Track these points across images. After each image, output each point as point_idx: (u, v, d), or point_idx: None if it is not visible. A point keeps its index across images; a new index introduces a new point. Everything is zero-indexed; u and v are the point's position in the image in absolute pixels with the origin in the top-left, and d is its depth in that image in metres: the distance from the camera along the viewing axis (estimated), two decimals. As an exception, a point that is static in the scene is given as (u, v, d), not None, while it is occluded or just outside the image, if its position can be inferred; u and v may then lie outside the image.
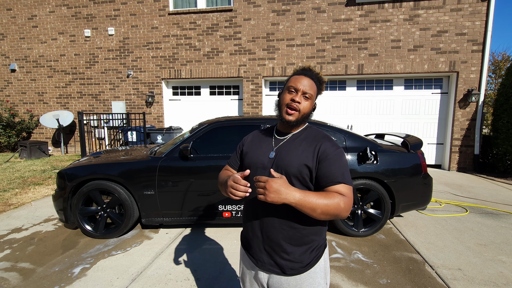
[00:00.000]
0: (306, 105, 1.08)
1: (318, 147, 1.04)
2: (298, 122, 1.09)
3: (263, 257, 1.07)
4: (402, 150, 3.20)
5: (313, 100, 1.10)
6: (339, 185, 0.98)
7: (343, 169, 1.01)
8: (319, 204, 0.91)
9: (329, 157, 1.01)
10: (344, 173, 1.00)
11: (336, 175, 0.99)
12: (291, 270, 1.03)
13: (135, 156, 3.29)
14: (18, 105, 8.79)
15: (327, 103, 7.49)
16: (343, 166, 1.01)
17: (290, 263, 1.03)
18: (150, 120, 8.09)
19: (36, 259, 2.63)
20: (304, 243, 1.04)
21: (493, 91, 14.67)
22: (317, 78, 1.12)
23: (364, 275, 2.37)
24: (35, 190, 4.73)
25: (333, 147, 1.03)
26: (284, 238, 1.03)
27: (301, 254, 1.03)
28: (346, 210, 0.95)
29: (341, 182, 0.98)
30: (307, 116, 1.10)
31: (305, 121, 1.11)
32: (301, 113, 1.08)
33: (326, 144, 1.04)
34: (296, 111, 1.07)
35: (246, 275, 1.17)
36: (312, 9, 7.06)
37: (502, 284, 2.23)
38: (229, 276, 2.34)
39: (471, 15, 6.40)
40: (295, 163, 1.02)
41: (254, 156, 1.14)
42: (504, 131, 6.08)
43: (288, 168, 1.03)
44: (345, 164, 1.03)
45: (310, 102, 1.09)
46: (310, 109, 1.10)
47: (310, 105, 1.09)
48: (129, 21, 7.91)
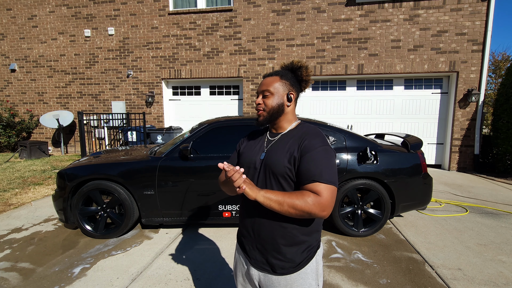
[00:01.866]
0: (269, 102, 1.09)
1: (301, 143, 1.01)
2: (271, 118, 1.11)
3: (255, 255, 1.08)
4: (402, 150, 3.20)
5: (277, 93, 1.09)
6: (314, 184, 0.92)
7: (323, 167, 0.94)
8: (285, 206, 0.92)
9: (310, 153, 0.97)
10: (323, 171, 0.93)
11: (313, 173, 0.94)
12: (281, 270, 1.03)
13: (135, 156, 3.29)
14: (18, 105, 8.78)
15: (327, 103, 7.49)
16: (324, 164, 0.95)
17: (281, 262, 1.03)
18: (150, 120, 8.09)
19: (36, 259, 2.63)
20: (295, 243, 1.03)
21: (493, 91, 14.67)
22: (289, 69, 1.16)
23: (364, 275, 2.37)
24: (35, 190, 4.73)
25: (316, 144, 0.98)
26: (275, 237, 1.03)
27: (292, 254, 1.03)
28: (319, 209, 0.90)
29: (317, 180, 0.92)
30: (277, 110, 1.10)
31: (276, 115, 1.11)
32: (267, 110, 1.10)
33: (310, 139, 1.00)
34: (262, 110, 1.11)
35: (239, 271, 1.19)
36: (312, 9, 7.06)
37: (502, 284, 2.23)
38: (229, 276, 2.34)
39: (471, 15, 6.40)
40: (280, 162, 1.02)
41: (247, 157, 1.16)
42: (504, 131, 6.08)
43: (273, 168, 1.03)
44: (328, 161, 0.96)
45: (273, 97, 1.09)
46: (277, 102, 1.09)
47: (274, 99, 1.09)
48: (129, 21, 7.91)
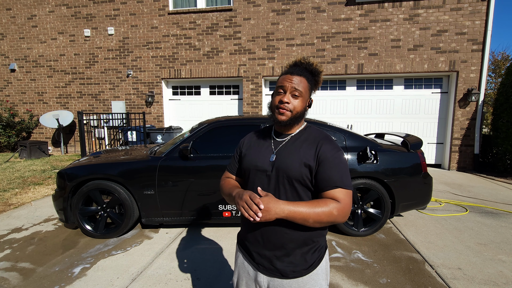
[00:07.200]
0: (297, 104, 1.03)
1: (318, 148, 1.01)
2: (292, 122, 1.06)
3: (264, 261, 1.05)
4: (402, 150, 3.20)
5: (305, 96, 1.05)
6: (337, 190, 0.96)
7: (342, 173, 0.98)
8: (310, 214, 0.90)
9: (329, 160, 0.98)
10: (343, 177, 0.98)
11: (334, 179, 0.97)
12: (293, 273, 1.01)
13: (135, 156, 3.29)
14: (18, 105, 8.78)
15: (327, 103, 7.48)
16: (342, 169, 0.99)
17: (292, 266, 1.01)
18: (150, 120, 8.09)
19: (36, 259, 2.63)
20: (306, 244, 1.02)
21: (493, 91, 14.68)
22: (309, 71, 1.07)
23: (364, 275, 2.37)
24: (35, 190, 4.73)
25: (333, 150, 1.01)
26: (286, 242, 1.01)
27: (304, 257, 1.01)
28: (342, 216, 0.94)
29: (339, 186, 0.96)
30: (301, 114, 1.06)
31: (299, 120, 1.07)
32: (294, 112, 1.04)
33: (326, 145, 1.01)
34: (288, 111, 1.03)
35: (243, 279, 1.13)
36: (312, 9, 7.05)
37: (502, 284, 2.24)
38: (229, 276, 2.34)
39: (471, 15, 6.40)
40: (296, 166, 1.00)
41: (253, 159, 1.10)
42: (504, 130, 6.08)
43: (289, 172, 1.00)
44: (345, 167, 1.00)
45: (301, 100, 1.04)
46: (303, 106, 1.05)
47: (302, 102, 1.04)
48: (128, 20, 7.91)
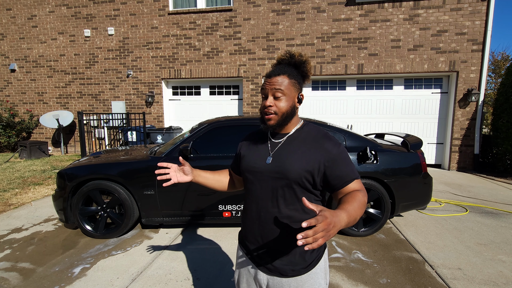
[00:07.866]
0: (281, 104, 1.01)
1: (321, 151, 1.00)
2: (282, 123, 1.04)
3: (263, 260, 1.06)
4: (402, 150, 3.20)
5: (289, 95, 1.02)
6: (354, 182, 0.99)
7: (351, 165, 1.02)
8: (358, 212, 0.90)
9: (336, 159, 0.99)
10: (353, 168, 1.02)
11: (349, 173, 1.00)
12: (292, 272, 1.01)
13: (135, 156, 3.29)
14: (18, 105, 8.78)
15: (327, 103, 7.48)
16: (349, 162, 1.02)
17: (291, 265, 1.01)
18: (150, 120, 8.09)
19: (36, 259, 2.63)
20: None
21: (493, 91, 14.68)
22: (292, 65, 1.05)
23: (364, 275, 2.37)
24: (35, 190, 4.73)
25: (335, 147, 1.01)
26: (286, 242, 1.01)
27: (302, 255, 1.02)
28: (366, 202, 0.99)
29: (354, 178, 1.00)
30: (289, 114, 1.04)
31: (288, 119, 1.05)
32: (280, 114, 1.02)
33: (328, 145, 1.01)
34: (273, 114, 1.02)
35: (243, 277, 1.14)
36: (312, 9, 7.05)
37: (502, 284, 2.24)
38: (229, 276, 2.34)
39: (471, 15, 6.40)
40: (296, 168, 0.98)
41: (250, 161, 1.10)
42: (504, 130, 6.08)
43: (288, 174, 0.99)
44: (349, 158, 1.04)
45: (286, 99, 1.01)
46: (289, 105, 1.03)
47: (287, 101, 1.02)
48: (128, 21, 7.91)
